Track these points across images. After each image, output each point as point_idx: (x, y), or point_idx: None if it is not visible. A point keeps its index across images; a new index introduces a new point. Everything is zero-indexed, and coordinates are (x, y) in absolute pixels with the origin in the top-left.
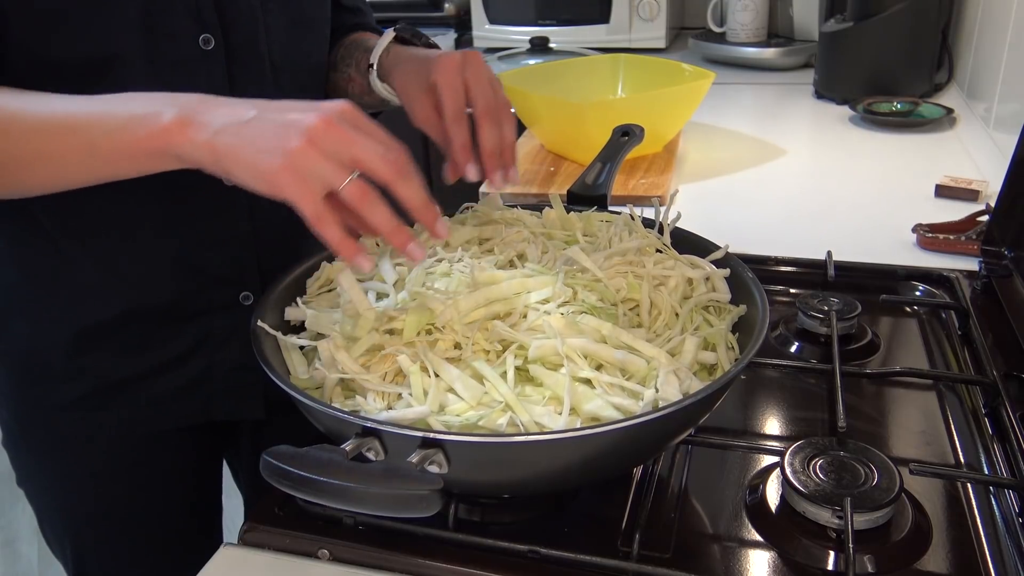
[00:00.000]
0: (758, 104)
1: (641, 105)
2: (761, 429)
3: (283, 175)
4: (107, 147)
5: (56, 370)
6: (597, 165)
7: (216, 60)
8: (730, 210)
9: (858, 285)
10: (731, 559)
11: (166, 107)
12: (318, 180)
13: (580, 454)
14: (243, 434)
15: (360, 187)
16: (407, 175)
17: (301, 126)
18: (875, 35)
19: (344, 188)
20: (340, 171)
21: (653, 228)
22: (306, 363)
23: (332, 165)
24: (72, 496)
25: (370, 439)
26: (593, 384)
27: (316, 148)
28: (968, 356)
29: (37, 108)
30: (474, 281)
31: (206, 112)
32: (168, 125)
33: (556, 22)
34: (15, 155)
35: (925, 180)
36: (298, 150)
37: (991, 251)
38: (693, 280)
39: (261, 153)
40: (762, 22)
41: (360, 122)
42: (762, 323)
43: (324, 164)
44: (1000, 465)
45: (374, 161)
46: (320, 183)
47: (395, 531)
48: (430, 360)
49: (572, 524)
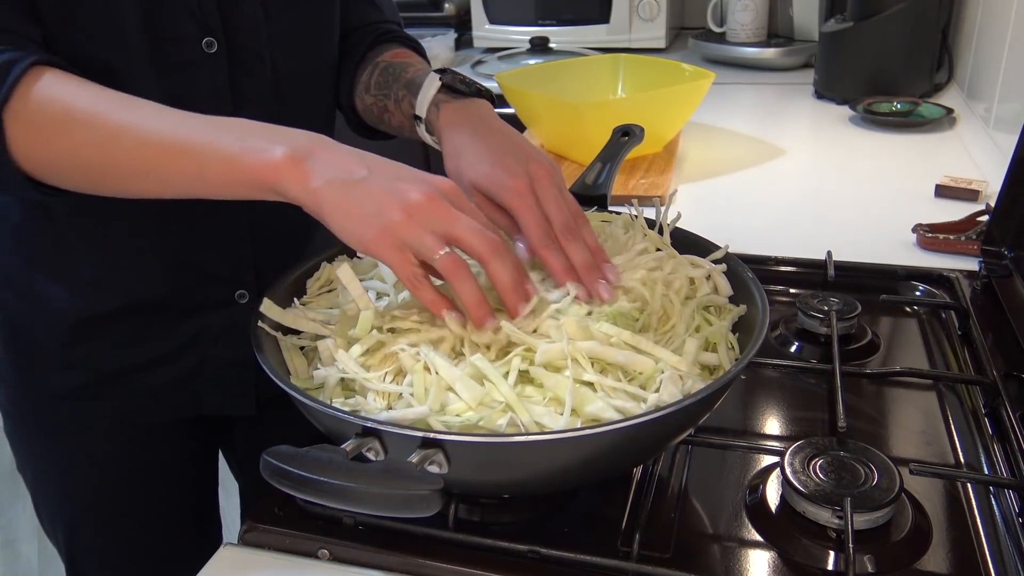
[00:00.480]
0: (758, 104)
1: (641, 105)
2: (761, 429)
3: (379, 242)
4: (216, 173)
5: (53, 359)
6: (597, 165)
7: (218, 63)
8: (730, 210)
9: (858, 285)
10: (731, 559)
11: (280, 144)
12: (413, 250)
13: (580, 454)
14: (237, 428)
15: (454, 259)
16: (502, 254)
17: (405, 199)
18: (875, 35)
19: (439, 259)
20: (436, 244)
21: (653, 228)
22: (306, 363)
23: (430, 239)
24: (68, 483)
25: (370, 439)
26: (596, 388)
27: (415, 222)
28: (968, 356)
29: (150, 122)
30: None
31: (319, 157)
32: (279, 163)
33: (556, 22)
34: (122, 164)
35: (925, 180)
36: (397, 223)
37: (991, 251)
38: (695, 280)
39: (363, 217)
40: (762, 22)
41: (461, 203)
42: (762, 323)
43: (422, 237)
44: (1000, 465)
45: (472, 238)
46: (415, 252)
47: (395, 531)
48: (431, 358)
49: (572, 524)
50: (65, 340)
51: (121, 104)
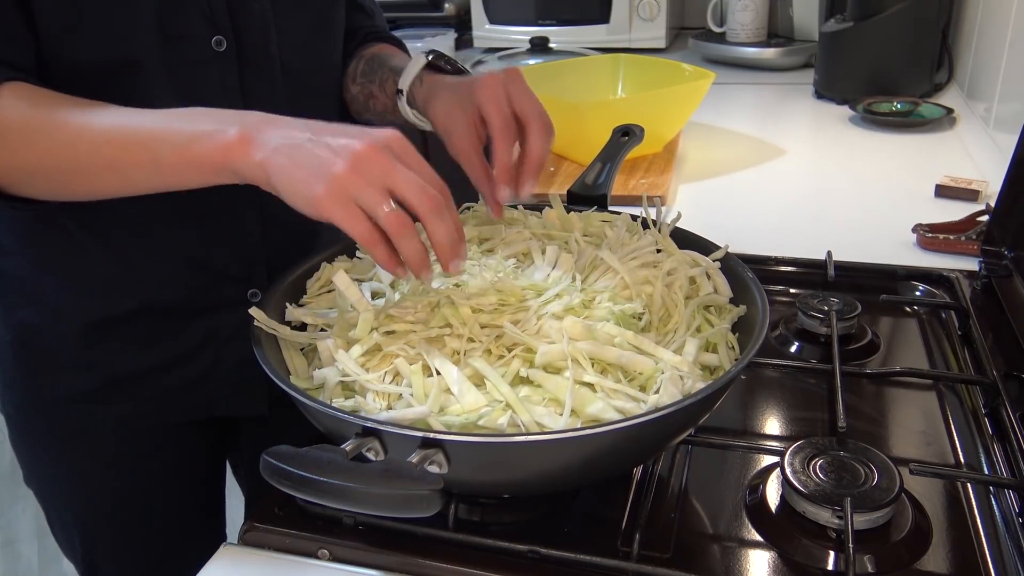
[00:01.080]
0: (758, 104)
1: (641, 105)
2: (761, 429)
3: (327, 200)
4: (172, 161)
5: (65, 362)
6: (597, 165)
7: (228, 62)
8: (730, 210)
9: (858, 285)
10: (731, 559)
11: (230, 125)
12: (359, 204)
13: (580, 454)
14: (243, 431)
15: (397, 218)
16: (440, 212)
17: (347, 151)
18: (875, 35)
19: (383, 217)
20: (381, 198)
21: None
22: (306, 363)
23: (373, 192)
24: (82, 488)
25: (370, 439)
26: (596, 388)
27: (358, 174)
28: (968, 356)
29: (105, 121)
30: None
31: (265, 131)
32: (230, 142)
33: (556, 22)
34: (85, 165)
35: (925, 180)
36: (341, 175)
37: (991, 251)
38: (695, 279)
39: (309, 176)
40: (762, 22)
41: (406, 154)
42: (762, 323)
43: (366, 190)
44: (1000, 465)
45: (411, 193)
46: (362, 207)
47: (395, 531)
48: (432, 358)
49: (572, 524)
50: (77, 343)
51: (78, 109)
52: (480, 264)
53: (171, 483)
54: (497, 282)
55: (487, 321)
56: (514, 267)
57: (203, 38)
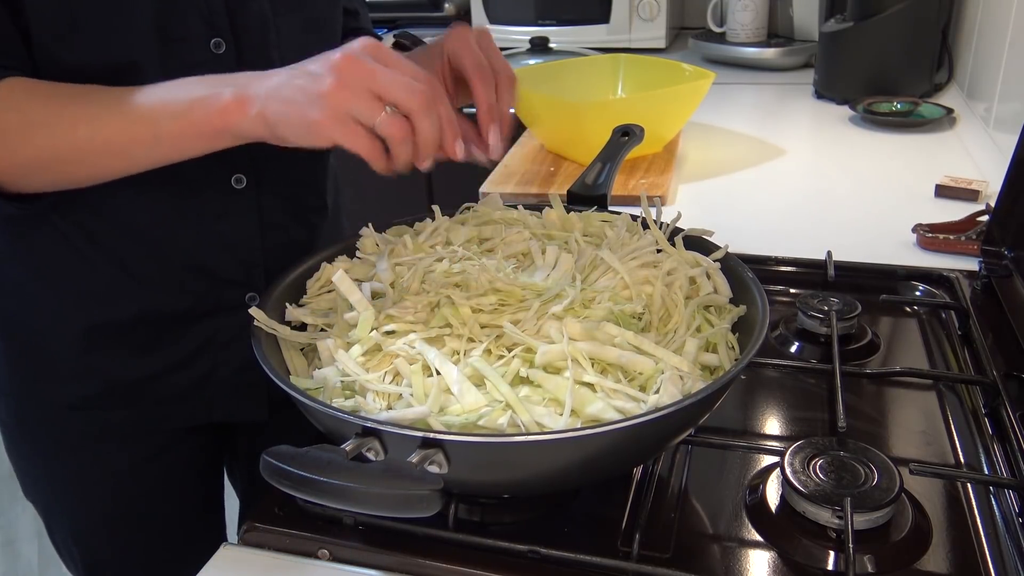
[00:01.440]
0: (758, 104)
1: (641, 105)
2: (761, 429)
3: (326, 123)
4: (172, 132)
5: (64, 369)
6: (597, 165)
7: (227, 64)
8: (730, 210)
9: (858, 285)
10: (731, 559)
11: (223, 87)
12: (356, 118)
13: (580, 454)
14: (240, 435)
15: (393, 123)
16: (428, 108)
17: (327, 69)
18: (875, 35)
19: (380, 125)
20: (374, 106)
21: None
22: (306, 363)
23: (364, 101)
24: (82, 495)
25: (370, 439)
26: (596, 388)
27: (345, 86)
28: (968, 356)
29: (100, 103)
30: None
31: (252, 86)
32: (227, 105)
33: (556, 22)
34: (85, 151)
35: (925, 180)
36: (329, 92)
37: (991, 251)
38: (695, 279)
39: (302, 108)
40: (762, 22)
41: (384, 55)
42: (762, 323)
43: (356, 102)
44: (1000, 465)
45: (397, 93)
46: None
47: (395, 531)
48: (432, 359)
49: (572, 524)
50: (75, 349)
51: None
52: (480, 264)
53: (171, 488)
54: (497, 282)
55: (487, 321)
56: (514, 267)
57: (202, 40)
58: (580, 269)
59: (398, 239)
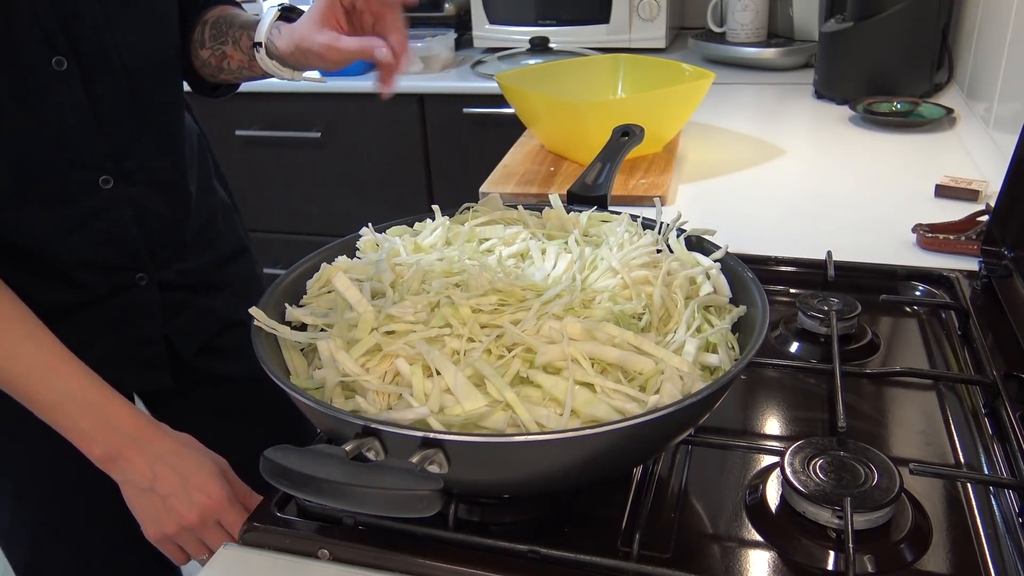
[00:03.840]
0: (758, 104)
1: (641, 105)
2: (761, 429)
3: (159, 543)
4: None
5: None
6: (597, 165)
7: (72, 78)
8: (730, 210)
9: (858, 285)
10: (731, 559)
11: (96, 442)
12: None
13: (580, 454)
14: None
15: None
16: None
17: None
18: (875, 35)
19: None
20: (199, 549)
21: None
22: (306, 363)
23: (194, 546)
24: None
25: (370, 439)
26: (595, 388)
27: (183, 533)
28: (968, 356)
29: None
30: None
31: (124, 459)
32: (95, 456)
33: (556, 22)
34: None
35: (925, 180)
36: (173, 535)
37: (991, 251)
38: (695, 279)
39: (147, 521)
40: (762, 22)
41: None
42: (762, 323)
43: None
44: (1000, 465)
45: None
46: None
47: (395, 531)
48: (432, 358)
49: (572, 524)
50: None
51: None
52: (480, 264)
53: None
54: (497, 282)
55: (487, 321)
56: (514, 267)
57: (43, 61)
58: (580, 269)
59: (398, 239)
